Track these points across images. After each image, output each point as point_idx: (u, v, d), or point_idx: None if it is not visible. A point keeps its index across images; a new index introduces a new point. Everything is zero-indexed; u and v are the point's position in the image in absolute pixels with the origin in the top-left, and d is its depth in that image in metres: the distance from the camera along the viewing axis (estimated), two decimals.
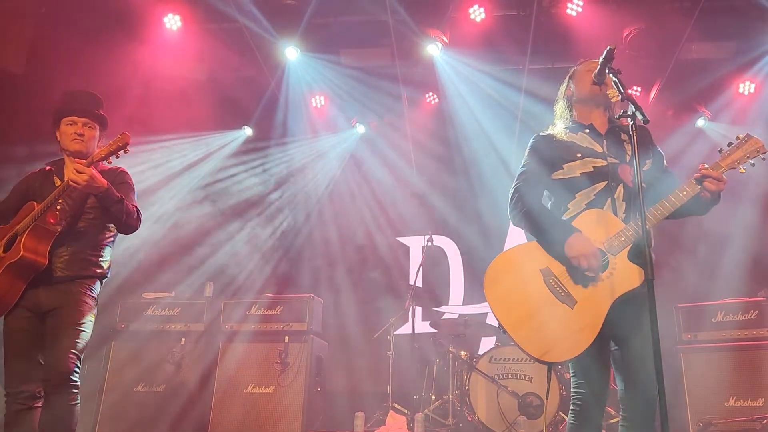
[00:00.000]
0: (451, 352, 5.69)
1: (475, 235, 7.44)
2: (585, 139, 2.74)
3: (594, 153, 2.69)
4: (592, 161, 2.66)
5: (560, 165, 2.71)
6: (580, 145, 2.72)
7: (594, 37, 5.85)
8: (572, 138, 2.76)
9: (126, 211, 3.18)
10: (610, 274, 2.47)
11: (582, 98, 2.82)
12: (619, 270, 2.46)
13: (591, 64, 2.80)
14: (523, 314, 2.52)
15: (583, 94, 2.80)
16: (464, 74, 6.61)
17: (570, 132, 2.79)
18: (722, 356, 4.93)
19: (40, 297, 3.12)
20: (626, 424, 2.49)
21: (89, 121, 3.36)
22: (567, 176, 2.69)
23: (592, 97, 2.77)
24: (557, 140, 2.77)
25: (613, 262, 2.48)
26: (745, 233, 6.36)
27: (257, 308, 5.77)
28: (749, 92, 6.60)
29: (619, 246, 2.49)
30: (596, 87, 2.68)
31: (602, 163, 2.65)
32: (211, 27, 6.39)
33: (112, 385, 5.54)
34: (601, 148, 2.70)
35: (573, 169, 2.68)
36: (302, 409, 5.27)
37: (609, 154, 2.68)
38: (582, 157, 2.68)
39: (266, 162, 7.67)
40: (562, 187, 2.70)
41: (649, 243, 2.29)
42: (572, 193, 2.67)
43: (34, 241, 3.08)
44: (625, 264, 2.46)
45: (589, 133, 2.76)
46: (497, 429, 5.15)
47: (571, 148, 2.72)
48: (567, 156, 2.71)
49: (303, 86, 7.04)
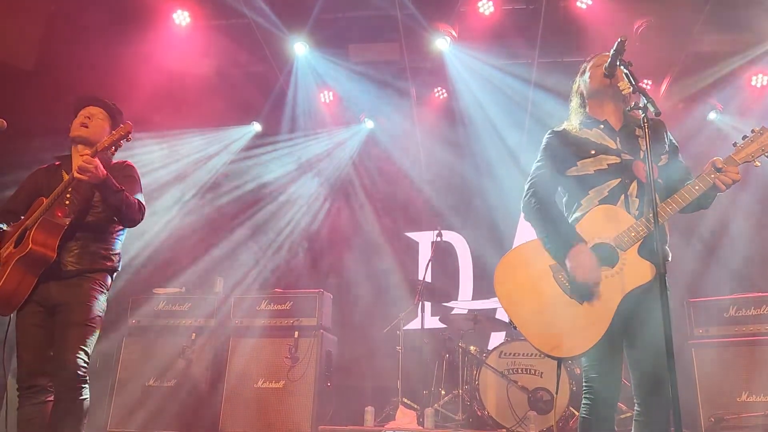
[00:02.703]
0: (460, 347, 5.68)
1: (485, 230, 7.43)
2: (599, 135, 2.73)
3: (608, 149, 2.67)
4: (605, 158, 2.65)
5: (574, 162, 2.70)
6: (594, 142, 2.71)
7: (604, 30, 5.79)
8: (586, 134, 2.74)
9: (126, 202, 3.18)
10: (620, 269, 2.46)
11: (593, 92, 2.80)
12: (630, 265, 2.45)
13: (601, 57, 2.78)
14: (533, 310, 2.53)
15: (594, 87, 2.78)
16: (473, 68, 6.56)
17: (584, 128, 2.77)
18: (734, 351, 4.90)
19: (51, 291, 3.14)
20: (641, 419, 2.49)
21: (101, 111, 3.39)
22: (581, 173, 2.68)
23: (602, 89, 2.75)
24: (571, 136, 2.76)
25: (623, 258, 2.47)
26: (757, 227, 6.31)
27: (267, 303, 5.79)
28: (761, 85, 6.53)
29: (630, 242, 2.47)
30: (606, 79, 2.67)
31: (616, 160, 2.64)
32: (219, 23, 6.38)
33: (123, 380, 5.58)
34: (615, 145, 2.69)
35: (587, 166, 2.67)
36: (312, 403, 5.29)
37: (623, 150, 2.66)
38: (596, 154, 2.67)
39: (275, 157, 7.67)
40: (576, 183, 2.69)
41: (663, 239, 2.27)
42: (585, 190, 2.66)
43: (44, 234, 3.09)
44: (636, 259, 2.45)
45: (604, 129, 2.74)
46: (507, 424, 5.14)
47: (585, 144, 2.71)
48: (581, 153, 2.70)
49: (312, 82, 7.02)
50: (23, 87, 5.69)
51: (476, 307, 6.97)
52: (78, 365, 3.01)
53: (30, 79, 5.90)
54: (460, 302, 7.34)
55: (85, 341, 3.08)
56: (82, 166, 2.97)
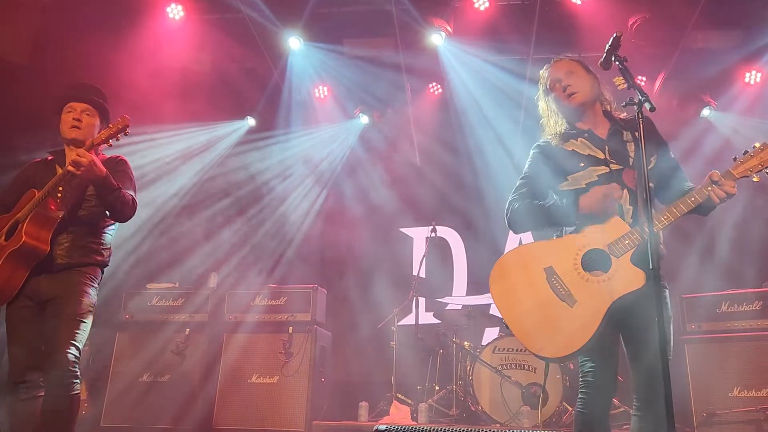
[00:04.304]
0: (454, 343, 5.69)
1: (479, 226, 7.44)
2: (585, 145, 2.73)
3: (596, 161, 2.67)
4: (595, 170, 2.65)
5: (564, 177, 2.71)
6: (582, 154, 2.71)
7: (598, 26, 5.79)
8: (573, 146, 2.74)
9: (122, 200, 3.17)
10: (612, 275, 2.49)
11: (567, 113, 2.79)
12: (621, 272, 2.48)
13: (554, 71, 2.78)
14: (524, 311, 2.57)
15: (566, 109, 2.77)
16: (468, 64, 6.56)
17: (570, 138, 2.76)
18: (726, 347, 4.92)
19: (41, 285, 3.13)
20: (639, 414, 2.52)
21: (88, 107, 3.36)
22: (573, 187, 2.68)
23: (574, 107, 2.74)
24: (558, 150, 2.76)
25: (616, 264, 2.50)
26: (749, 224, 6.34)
27: (261, 299, 5.79)
28: (755, 81, 6.53)
29: (623, 249, 2.50)
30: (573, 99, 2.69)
31: (605, 170, 2.65)
32: (213, 17, 6.36)
33: (117, 376, 5.57)
34: (603, 155, 2.68)
35: (578, 180, 2.67)
36: (306, 399, 5.29)
37: (611, 160, 2.66)
38: (585, 166, 2.67)
39: (270, 152, 7.64)
40: (569, 196, 2.68)
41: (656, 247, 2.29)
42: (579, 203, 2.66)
43: (36, 227, 3.08)
44: (628, 267, 2.48)
45: (588, 138, 2.74)
46: (501, 419, 5.16)
47: (573, 157, 2.71)
48: (570, 167, 2.70)
49: (306, 76, 7.00)
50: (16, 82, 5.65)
51: (470, 302, 6.98)
52: (70, 361, 2.99)
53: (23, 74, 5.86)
54: (455, 298, 7.36)
55: (76, 336, 3.06)
56: (75, 160, 2.95)
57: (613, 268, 2.49)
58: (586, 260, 2.56)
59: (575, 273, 2.54)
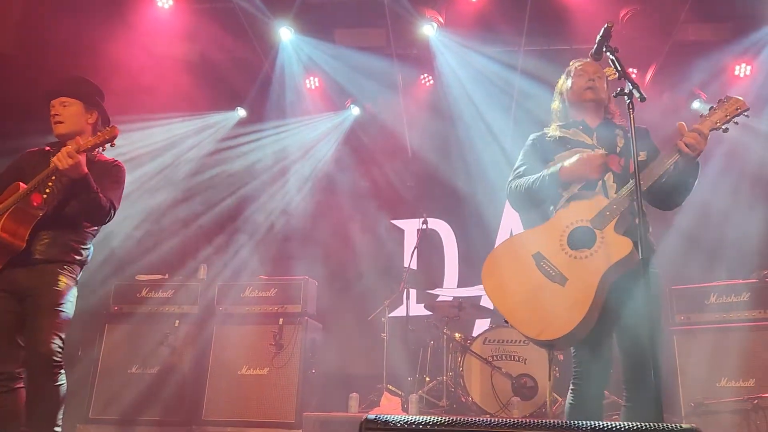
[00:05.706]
0: (445, 334, 5.70)
1: (470, 218, 7.44)
2: (576, 133, 2.87)
3: (583, 144, 2.81)
4: (580, 151, 2.75)
5: (552, 157, 2.83)
6: (572, 139, 2.85)
7: (590, 17, 5.80)
8: (565, 134, 2.88)
9: (96, 203, 3.11)
10: (599, 247, 2.53)
11: (573, 102, 2.93)
12: (607, 242, 2.53)
13: (587, 65, 2.90)
14: (519, 300, 2.61)
15: (574, 99, 2.91)
16: (460, 55, 6.54)
17: (564, 129, 2.90)
18: (715, 338, 4.95)
19: (18, 278, 3.08)
20: (628, 405, 2.56)
21: (64, 99, 3.30)
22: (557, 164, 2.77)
23: (581, 103, 2.88)
24: (550, 137, 2.91)
25: (600, 236, 2.54)
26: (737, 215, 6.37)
27: (251, 290, 5.77)
28: (745, 74, 6.57)
29: (605, 220, 2.55)
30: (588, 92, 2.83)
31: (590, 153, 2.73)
32: (203, 6, 6.28)
33: (105, 368, 5.53)
34: (590, 140, 2.82)
35: (563, 158, 2.77)
36: (296, 390, 5.29)
37: (597, 145, 2.79)
38: (571, 148, 2.80)
39: (260, 143, 7.60)
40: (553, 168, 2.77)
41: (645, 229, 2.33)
42: None
43: (15, 223, 3.04)
44: (612, 236, 2.53)
45: (582, 129, 2.88)
46: (491, 410, 5.19)
47: (563, 142, 2.85)
48: (557, 149, 2.84)
49: (297, 67, 6.95)
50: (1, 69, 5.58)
51: (461, 294, 6.98)
52: (53, 351, 2.96)
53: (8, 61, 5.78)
54: (446, 289, 7.37)
55: (58, 326, 3.03)
56: (62, 154, 2.92)
57: (598, 241, 2.54)
58: (572, 239, 2.60)
59: (563, 253, 2.59)
